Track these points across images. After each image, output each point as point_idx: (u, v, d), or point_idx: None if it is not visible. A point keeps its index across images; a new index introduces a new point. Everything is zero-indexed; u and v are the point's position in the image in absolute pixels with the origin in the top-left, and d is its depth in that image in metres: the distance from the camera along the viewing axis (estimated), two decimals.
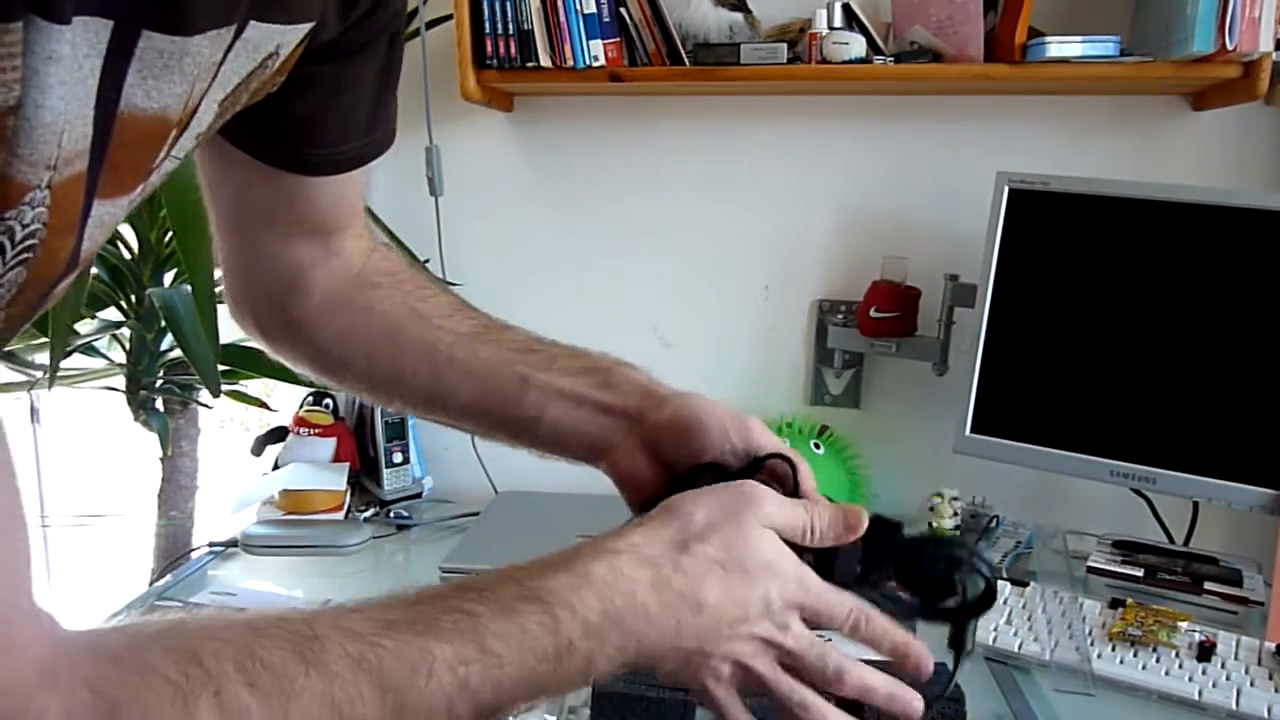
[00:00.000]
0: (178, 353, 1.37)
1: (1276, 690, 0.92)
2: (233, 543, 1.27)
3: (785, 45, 1.26)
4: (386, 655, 0.41)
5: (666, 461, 0.63)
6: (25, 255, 0.40)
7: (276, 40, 0.48)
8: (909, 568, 0.56)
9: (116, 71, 0.38)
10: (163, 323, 1.31)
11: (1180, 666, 0.96)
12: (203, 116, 0.47)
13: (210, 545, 1.28)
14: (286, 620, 0.41)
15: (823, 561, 0.54)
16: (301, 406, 1.48)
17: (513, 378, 0.65)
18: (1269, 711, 0.90)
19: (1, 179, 0.36)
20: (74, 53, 0.35)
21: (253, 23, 0.45)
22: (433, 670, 0.42)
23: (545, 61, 1.30)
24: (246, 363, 1.37)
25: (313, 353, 0.69)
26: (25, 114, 0.35)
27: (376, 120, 0.63)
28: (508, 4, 1.29)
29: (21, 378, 1.35)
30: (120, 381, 1.40)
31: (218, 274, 1.28)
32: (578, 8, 1.27)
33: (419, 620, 0.43)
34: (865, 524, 0.55)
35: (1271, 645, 0.98)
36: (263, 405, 1.54)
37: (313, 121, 0.59)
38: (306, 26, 0.51)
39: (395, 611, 0.44)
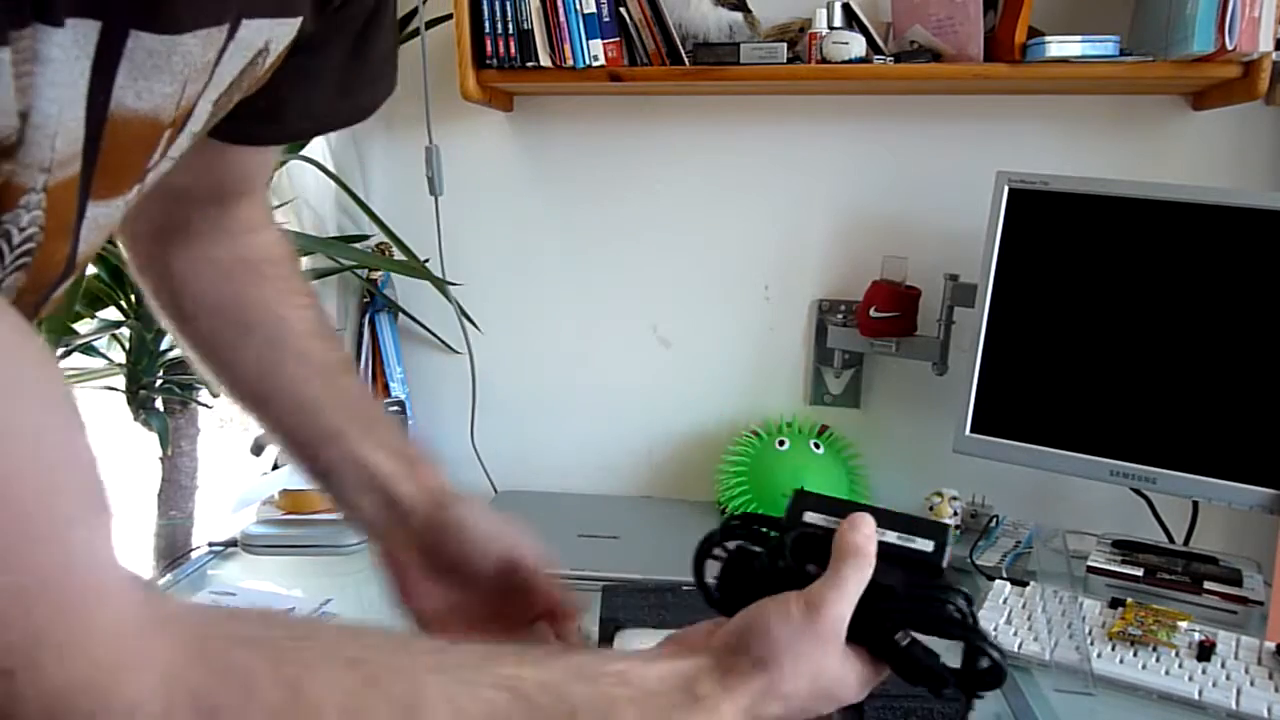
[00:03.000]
0: (177, 352, 1.37)
1: (1276, 690, 0.92)
2: (232, 542, 1.27)
3: (785, 45, 1.27)
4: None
5: (431, 559, 0.65)
6: (24, 260, 0.39)
7: (266, 36, 0.48)
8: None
9: (106, 73, 0.38)
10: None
11: (1180, 666, 0.96)
12: (199, 116, 0.47)
13: (210, 545, 1.28)
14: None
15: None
16: None
17: (328, 428, 0.66)
18: (1269, 711, 0.90)
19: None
20: (65, 55, 0.35)
21: (245, 20, 0.45)
22: None
23: (545, 61, 1.30)
24: None
25: (170, 296, 0.69)
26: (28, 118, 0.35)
27: (342, 103, 0.64)
28: (507, 4, 1.29)
29: None
30: (120, 381, 1.40)
31: None
32: (578, 7, 1.27)
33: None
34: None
35: (1271, 645, 0.98)
36: None
37: (272, 109, 0.59)
38: (296, 21, 0.50)
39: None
